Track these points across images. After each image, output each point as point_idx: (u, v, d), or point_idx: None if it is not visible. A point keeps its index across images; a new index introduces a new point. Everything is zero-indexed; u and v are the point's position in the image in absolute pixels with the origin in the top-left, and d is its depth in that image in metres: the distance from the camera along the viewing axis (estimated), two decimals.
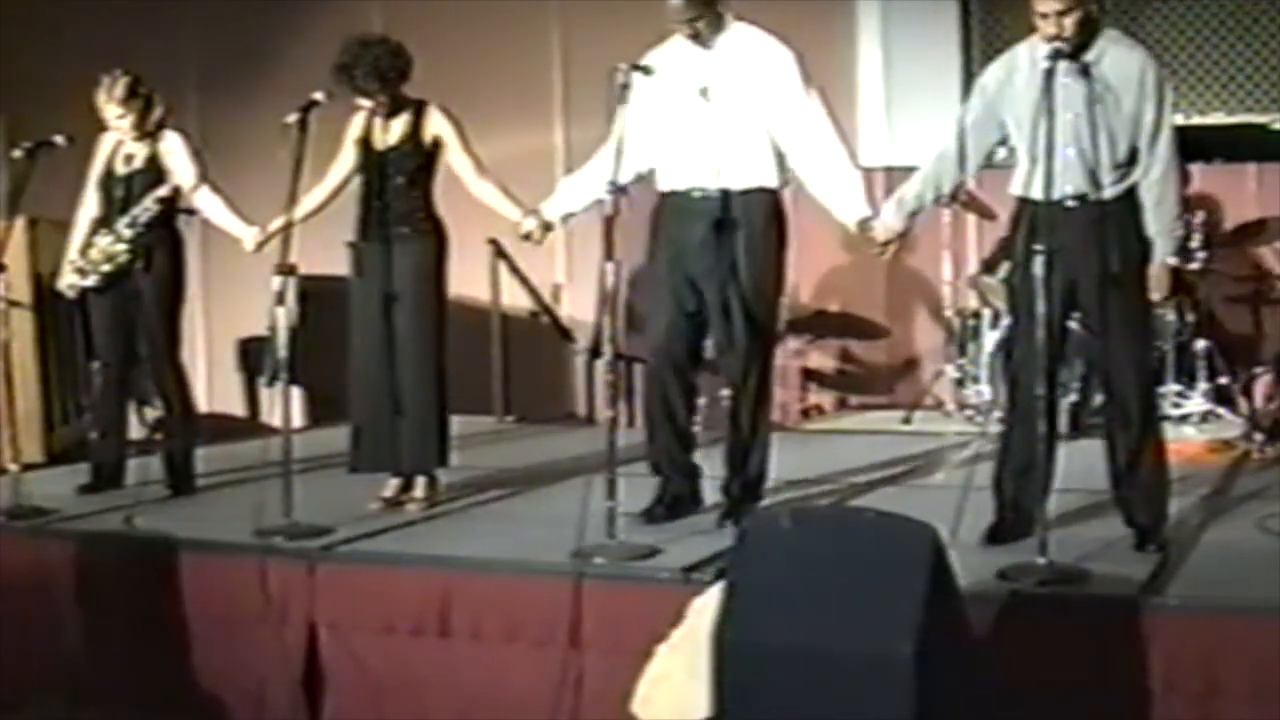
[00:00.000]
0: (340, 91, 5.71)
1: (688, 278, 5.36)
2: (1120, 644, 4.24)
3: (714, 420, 5.56)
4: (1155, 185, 4.83)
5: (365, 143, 5.84)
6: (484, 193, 5.84)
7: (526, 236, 5.76)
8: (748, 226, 5.31)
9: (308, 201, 5.85)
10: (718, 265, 5.30)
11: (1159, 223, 4.85)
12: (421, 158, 5.80)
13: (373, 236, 5.83)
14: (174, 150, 6.23)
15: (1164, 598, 4.39)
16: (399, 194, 5.79)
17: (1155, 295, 4.89)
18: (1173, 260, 4.86)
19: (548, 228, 5.73)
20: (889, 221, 5.24)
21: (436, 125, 5.81)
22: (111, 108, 6.18)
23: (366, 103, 5.75)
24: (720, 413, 5.52)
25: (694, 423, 5.55)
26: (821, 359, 8.99)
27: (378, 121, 5.82)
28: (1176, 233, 4.92)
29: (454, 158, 5.83)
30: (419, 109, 5.83)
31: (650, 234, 5.47)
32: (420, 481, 5.90)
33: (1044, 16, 4.76)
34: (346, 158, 5.90)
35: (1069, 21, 4.73)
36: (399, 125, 5.81)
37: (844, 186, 5.33)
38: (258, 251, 6.06)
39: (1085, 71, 4.77)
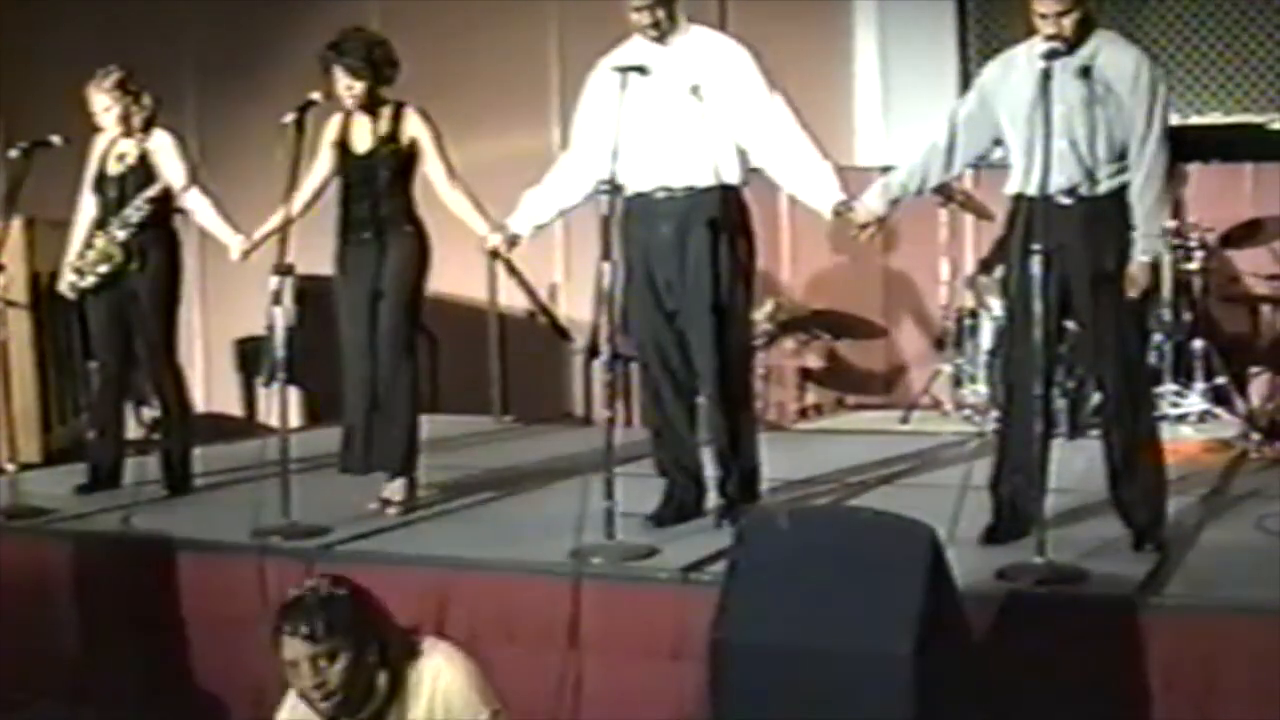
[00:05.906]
0: (324, 78, 5.64)
1: (660, 279, 5.34)
2: (1118, 643, 4.25)
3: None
4: (1141, 183, 4.83)
5: (343, 146, 5.79)
6: (453, 201, 5.76)
7: (494, 254, 5.70)
8: (712, 225, 5.27)
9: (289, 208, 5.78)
10: (685, 264, 5.28)
11: (1142, 222, 4.84)
12: (400, 160, 5.73)
13: (353, 239, 5.78)
14: (162, 148, 6.22)
15: (1162, 597, 4.40)
16: (379, 197, 5.73)
17: (1131, 293, 4.85)
18: (1145, 259, 4.83)
19: (514, 242, 5.67)
20: (870, 204, 5.19)
21: (414, 128, 5.75)
22: (100, 98, 6.17)
23: (348, 92, 5.66)
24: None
25: (695, 426, 5.48)
26: (818, 359, 8.97)
27: (355, 124, 5.77)
28: (1157, 233, 4.91)
29: (428, 162, 5.76)
30: (397, 110, 5.76)
31: (619, 238, 5.38)
32: (399, 484, 5.77)
33: (1043, 17, 4.78)
34: (323, 162, 5.84)
35: (1068, 22, 4.75)
36: (377, 127, 5.75)
37: (815, 176, 5.29)
38: (244, 259, 6.06)
39: (1084, 72, 4.78)
